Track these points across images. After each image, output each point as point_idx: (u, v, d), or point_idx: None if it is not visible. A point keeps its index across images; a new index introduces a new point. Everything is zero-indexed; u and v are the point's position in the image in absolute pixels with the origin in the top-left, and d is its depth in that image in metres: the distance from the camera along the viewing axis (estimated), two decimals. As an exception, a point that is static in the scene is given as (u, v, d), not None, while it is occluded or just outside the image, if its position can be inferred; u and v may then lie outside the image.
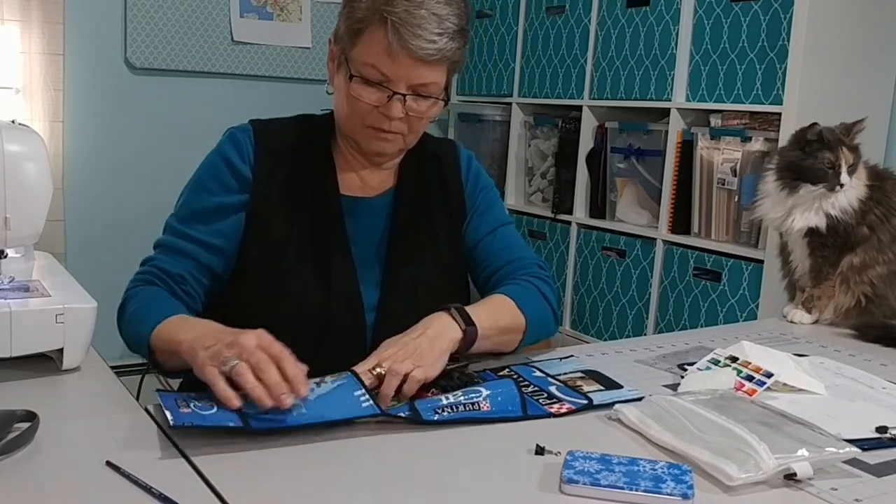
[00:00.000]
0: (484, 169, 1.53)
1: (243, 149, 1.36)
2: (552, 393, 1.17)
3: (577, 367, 1.29)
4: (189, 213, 1.35)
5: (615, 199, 2.94)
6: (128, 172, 3.09)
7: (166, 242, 1.35)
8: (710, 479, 0.94)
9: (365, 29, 1.25)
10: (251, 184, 1.35)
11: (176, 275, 1.31)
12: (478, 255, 1.46)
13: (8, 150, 1.24)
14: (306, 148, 1.39)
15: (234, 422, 0.96)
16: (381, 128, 1.30)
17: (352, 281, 1.35)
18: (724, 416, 1.01)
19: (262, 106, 2.94)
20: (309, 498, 0.87)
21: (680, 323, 2.66)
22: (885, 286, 1.65)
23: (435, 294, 1.38)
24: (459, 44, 1.28)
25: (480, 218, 1.47)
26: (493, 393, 1.11)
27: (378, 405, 1.04)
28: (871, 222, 1.65)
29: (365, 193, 1.40)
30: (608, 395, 1.17)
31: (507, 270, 1.42)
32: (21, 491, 0.84)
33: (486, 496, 0.89)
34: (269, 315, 1.27)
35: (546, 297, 1.39)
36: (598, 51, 2.92)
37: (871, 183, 1.67)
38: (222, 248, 1.34)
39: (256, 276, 1.34)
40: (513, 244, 1.47)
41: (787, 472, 0.93)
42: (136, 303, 1.27)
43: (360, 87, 1.27)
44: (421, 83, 1.27)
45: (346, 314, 1.33)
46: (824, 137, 1.63)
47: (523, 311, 1.32)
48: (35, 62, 2.84)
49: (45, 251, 1.52)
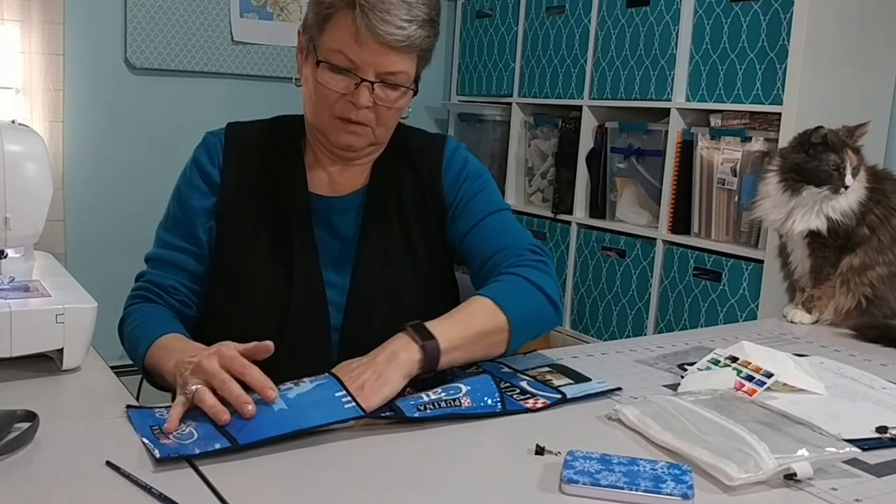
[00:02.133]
0: (473, 158, 1.45)
1: (213, 152, 1.38)
2: (524, 388, 1.17)
3: (543, 361, 1.30)
4: (172, 222, 1.38)
5: (615, 199, 2.94)
6: (128, 172, 3.09)
7: (156, 255, 1.38)
8: (710, 478, 0.94)
9: (333, 14, 1.24)
10: (219, 186, 1.36)
11: (168, 287, 1.34)
12: (467, 249, 1.39)
13: (8, 150, 1.24)
14: (277, 147, 1.39)
15: (221, 443, 0.94)
16: (349, 118, 1.28)
17: (315, 280, 1.34)
18: (723, 416, 1.01)
19: (262, 106, 2.94)
20: (309, 498, 0.86)
21: (680, 323, 2.66)
22: (885, 287, 1.65)
23: (408, 297, 1.36)
24: (429, 33, 1.26)
25: (465, 209, 1.39)
26: (473, 388, 1.11)
27: (360, 406, 1.02)
28: (871, 223, 1.65)
29: (334, 192, 1.38)
30: (579, 388, 1.18)
31: (495, 261, 1.34)
32: (21, 491, 0.84)
33: (486, 496, 0.89)
34: (236, 317, 1.31)
35: (537, 285, 1.28)
36: (598, 51, 2.92)
37: (870, 185, 1.67)
38: (206, 254, 1.37)
39: (224, 277, 1.35)
40: (502, 231, 1.38)
41: (787, 472, 0.93)
42: (132, 321, 1.30)
43: (327, 74, 1.26)
44: (389, 71, 1.25)
45: (310, 314, 1.32)
46: (829, 140, 1.63)
47: (503, 308, 1.22)
48: (35, 62, 2.84)
49: (45, 251, 1.52)
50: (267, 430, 0.96)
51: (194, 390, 1.02)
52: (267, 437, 0.95)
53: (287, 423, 0.98)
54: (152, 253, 1.39)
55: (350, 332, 1.34)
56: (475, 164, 1.44)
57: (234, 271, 1.34)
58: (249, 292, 1.33)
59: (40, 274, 1.35)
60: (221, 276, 1.35)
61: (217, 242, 1.36)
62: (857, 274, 1.65)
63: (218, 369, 1.03)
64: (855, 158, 1.64)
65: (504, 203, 1.44)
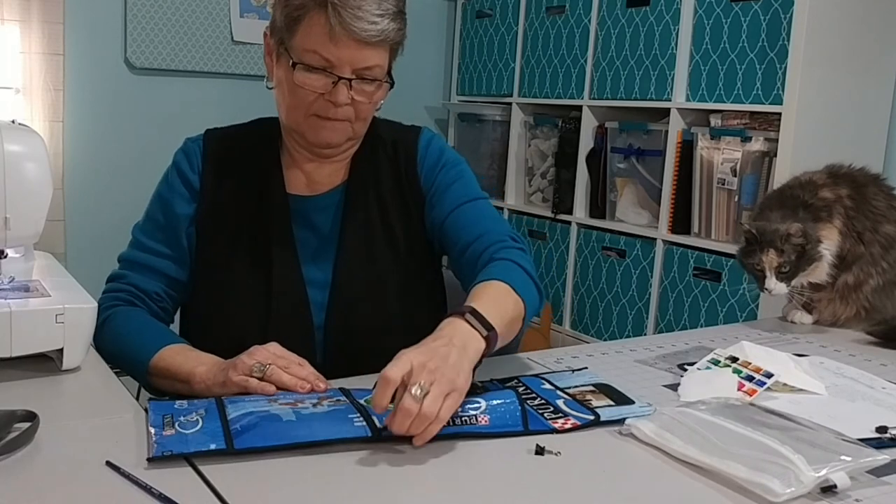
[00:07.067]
0: (450, 148, 1.45)
1: (193, 158, 1.39)
2: (559, 407, 1.11)
3: (588, 381, 1.23)
4: (154, 226, 1.38)
5: (615, 199, 2.94)
6: (128, 172, 3.09)
7: (135, 258, 1.38)
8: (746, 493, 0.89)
9: (304, 16, 1.24)
10: (199, 192, 1.37)
11: (152, 293, 1.35)
12: (445, 235, 1.37)
13: (8, 150, 1.23)
14: (254, 151, 1.39)
15: (217, 443, 0.94)
16: (327, 116, 1.28)
17: (295, 281, 1.34)
18: (743, 426, 0.97)
19: (262, 106, 2.92)
20: (309, 499, 0.86)
21: (680, 323, 2.66)
22: (881, 297, 1.63)
23: (391, 293, 1.36)
24: (400, 24, 1.27)
25: (442, 196, 1.39)
26: (492, 406, 1.06)
27: (370, 427, 0.99)
28: (862, 237, 1.62)
29: (312, 191, 1.38)
30: (617, 410, 1.11)
31: (476, 247, 1.32)
32: (21, 491, 0.84)
33: (486, 496, 0.89)
34: (219, 322, 1.31)
35: (529, 274, 1.28)
36: (598, 51, 2.92)
37: (852, 196, 1.62)
38: (187, 260, 1.37)
39: (205, 284, 1.36)
40: (481, 218, 1.37)
41: (826, 484, 0.89)
42: (122, 325, 1.29)
43: (303, 75, 1.25)
44: (365, 66, 1.26)
45: (290, 315, 1.32)
46: (750, 239, 1.59)
47: (521, 296, 1.21)
48: (35, 62, 2.84)
49: (45, 251, 1.52)
50: (269, 438, 0.95)
51: (268, 367, 1.10)
52: (266, 446, 0.94)
53: (291, 434, 0.97)
54: (130, 254, 1.39)
55: (333, 330, 1.34)
56: (452, 154, 1.44)
57: (215, 278, 1.35)
58: (231, 298, 1.33)
59: (40, 274, 1.35)
60: (202, 283, 1.36)
61: (197, 249, 1.36)
62: (852, 291, 1.64)
63: (279, 354, 1.13)
64: (777, 260, 1.56)
65: (483, 193, 1.43)
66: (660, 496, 0.91)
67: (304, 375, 1.12)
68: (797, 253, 1.56)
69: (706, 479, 0.94)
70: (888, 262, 1.63)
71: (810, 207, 1.61)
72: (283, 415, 1.01)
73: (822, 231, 1.59)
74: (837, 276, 1.63)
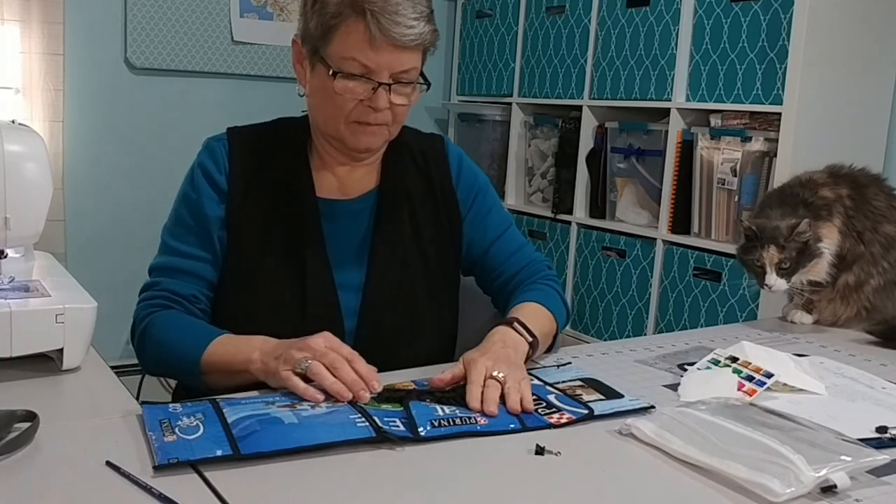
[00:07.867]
0: (476, 166, 1.51)
1: (219, 159, 1.36)
2: (551, 402, 1.13)
3: (575, 375, 1.25)
4: (184, 229, 1.35)
5: (615, 199, 2.94)
6: (128, 172, 3.09)
7: (168, 265, 1.34)
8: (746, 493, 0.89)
9: (341, 24, 1.24)
10: (227, 193, 1.35)
11: (189, 296, 1.32)
12: (488, 263, 1.48)
13: (8, 150, 1.24)
14: (281, 152, 1.38)
15: (223, 449, 0.93)
16: (367, 121, 1.29)
17: (327, 284, 1.34)
18: (743, 426, 0.97)
19: (262, 106, 2.94)
20: (310, 500, 0.86)
21: (680, 323, 2.66)
22: (882, 297, 1.63)
23: (419, 299, 1.38)
24: (433, 26, 1.28)
25: (483, 223, 1.47)
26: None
27: (373, 427, 0.99)
28: (863, 237, 1.62)
29: (344, 196, 1.39)
30: (609, 404, 1.13)
31: (521, 277, 1.45)
32: (21, 491, 0.84)
33: (486, 495, 0.89)
34: (247, 323, 1.29)
35: (563, 299, 1.44)
36: (598, 51, 2.92)
37: (852, 197, 1.63)
38: (220, 262, 1.35)
39: (234, 284, 1.35)
40: (520, 248, 1.49)
41: (826, 484, 0.89)
42: (165, 330, 1.27)
43: (343, 83, 1.25)
44: (402, 70, 1.26)
45: (323, 319, 1.31)
46: (751, 235, 1.60)
47: (555, 316, 1.37)
48: (35, 62, 2.84)
49: (45, 251, 1.52)
50: (273, 443, 0.95)
51: (309, 364, 1.08)
52: (271, 450, 0.94)
53: (295, 437, 0.96)
54: (161, 261, 1.35)
55: (364, 335, 1.34)
56: (481, 175, 1.51)
57: (247, 280, 1.34)
58: (264, 301, 1.33)
59: (40, 274, 1.35)
60: (233, 285, 1.35)
61: (228, 251, 1.35)
62: (853, 291, 1.64)
63: (328, 350, 1.10)
64: (777, 256, 1.56)
65: (509, 215, 1.55)
66: (660, 496, 0.91)
67: (352, 380, 1.07)
68: (798, 249, 1.56)
69: (706, 479, 0.94)
70: (889, 262, 1.63)
71: (810, 206, 1.62)
72: (285, 418, 1.01)
73: (822, 229, 1.60)
74: (838, 275, 1.63)
